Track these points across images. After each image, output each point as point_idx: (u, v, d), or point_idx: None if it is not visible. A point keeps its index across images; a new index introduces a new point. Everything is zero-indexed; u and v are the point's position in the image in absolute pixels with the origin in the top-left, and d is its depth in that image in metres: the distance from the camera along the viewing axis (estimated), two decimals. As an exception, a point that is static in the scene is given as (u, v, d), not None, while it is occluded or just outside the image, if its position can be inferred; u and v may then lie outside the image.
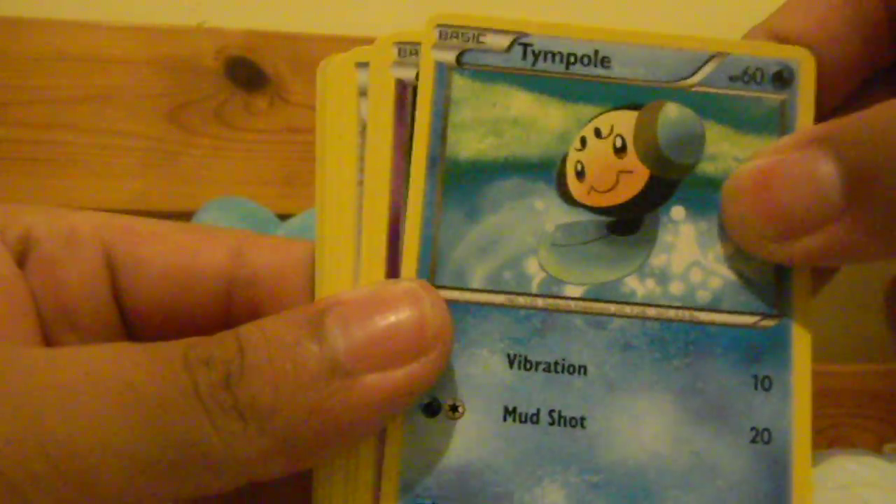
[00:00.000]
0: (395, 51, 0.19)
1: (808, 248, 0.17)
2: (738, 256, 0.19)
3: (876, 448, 0.69)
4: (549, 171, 0.19)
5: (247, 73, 0.65)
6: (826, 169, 0.17)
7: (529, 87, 0.19)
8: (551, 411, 0.18)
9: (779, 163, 0.18)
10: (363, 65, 0.19)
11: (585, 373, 0.18)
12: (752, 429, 0.18)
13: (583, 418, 0.18)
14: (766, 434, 0.18)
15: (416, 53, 0.19)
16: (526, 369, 0.18)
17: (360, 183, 0.19)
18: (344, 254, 0.18)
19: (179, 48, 0.64)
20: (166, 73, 0.64)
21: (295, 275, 0.20)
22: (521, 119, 0.19)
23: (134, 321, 0.20)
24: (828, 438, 0.70)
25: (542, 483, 0.18)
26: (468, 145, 0.19)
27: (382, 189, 0.19)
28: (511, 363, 0.18)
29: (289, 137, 0.65)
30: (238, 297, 0.20)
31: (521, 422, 0.18)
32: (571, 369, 0.18)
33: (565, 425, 0.18)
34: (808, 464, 0.18)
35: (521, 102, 0.19)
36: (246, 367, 0.15)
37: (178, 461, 0.15)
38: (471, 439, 0.18)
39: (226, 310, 0.20)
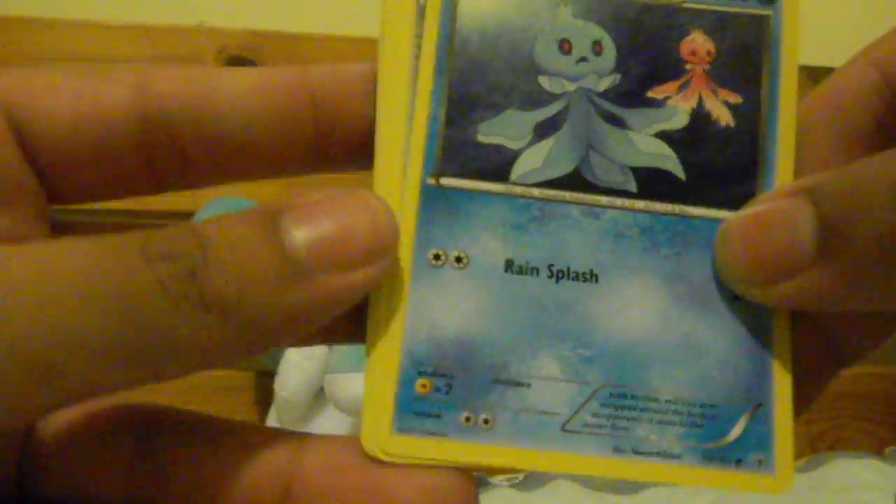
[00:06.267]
0: None
1: (785, 294, 0.18)
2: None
3: (877, 451, 0.69)
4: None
5: (247, 72, 0.65)
6: (803, 218, 0.17)
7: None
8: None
9: (764, 211, 0.19)
10: None
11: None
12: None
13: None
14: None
15: None
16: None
17: (417, 57, 0.20)
18: (399, 124, 0.20)
19: (180, 47, 0.64)
20: (167, 73, 0.64)
21: (209, 104, 0.19)
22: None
23: (53, 180, 0.19)
24: (829, 441, 0.70)
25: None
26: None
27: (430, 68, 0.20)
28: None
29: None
30: (151, 131, 0.19)
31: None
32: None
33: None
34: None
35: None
36: (209, 262, 0.16)
37: (142, 349, 0.15)
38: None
39: (142, 146, 0.19)
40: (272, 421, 0.60)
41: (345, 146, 0.20)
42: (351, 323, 0.19)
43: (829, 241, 0.17)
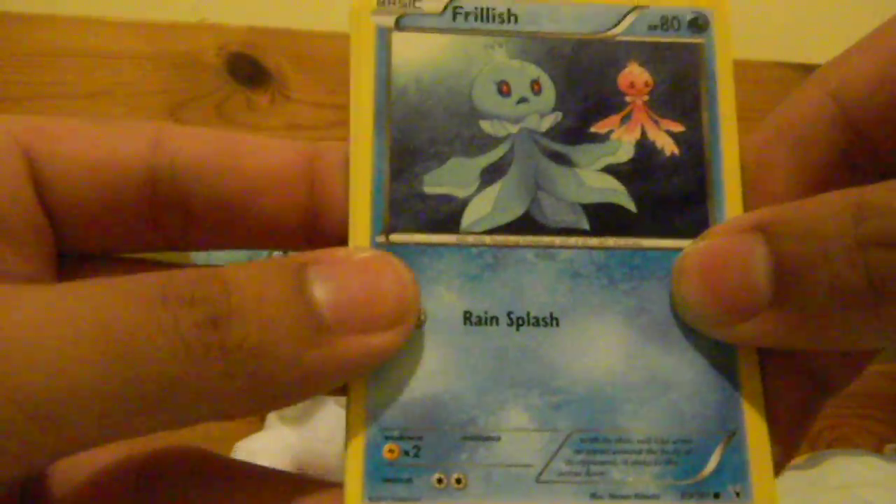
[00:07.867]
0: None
1: (744, 335, 0.18)
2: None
3: (877, 448, 0.69)
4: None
5: (248, 69, 0.64)
6: (759, 259, 0.17)
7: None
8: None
9: (720, 247, 0.18)
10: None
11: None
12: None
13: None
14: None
15: (395, 3, 0.20)
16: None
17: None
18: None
19: (181, 44, 0.64)
20: (168, 70, 0.64)
21: (216, 162, 0.19)
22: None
23: (61, 220, 0.19)
24: (829, 439, 0.70)
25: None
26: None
27: (367, 129, 0.20)
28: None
29: (290, 134, 0.65)
30: (161, 187, 0.19)
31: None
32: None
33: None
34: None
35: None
36: (234, 309, 0.15)
37: (153, 399, 0.15)
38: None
39: (150, 201, 0.19)
40: (272, 417, 0.60)
41: (334, 226, 0.20)
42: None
43: (785, 286, 0.17)
